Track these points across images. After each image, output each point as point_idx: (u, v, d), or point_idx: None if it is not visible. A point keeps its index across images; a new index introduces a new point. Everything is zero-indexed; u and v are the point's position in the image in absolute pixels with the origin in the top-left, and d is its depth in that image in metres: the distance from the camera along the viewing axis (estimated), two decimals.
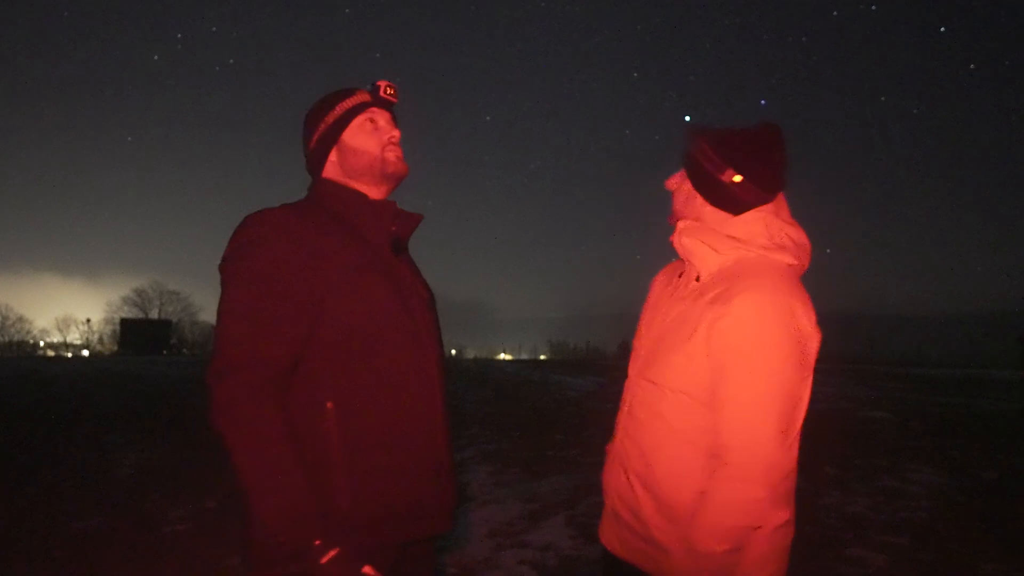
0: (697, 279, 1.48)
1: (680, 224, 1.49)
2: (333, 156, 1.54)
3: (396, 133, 1.56)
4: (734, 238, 1.43)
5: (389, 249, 1.50)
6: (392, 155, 1.53)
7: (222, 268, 1.36)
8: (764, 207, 1.44)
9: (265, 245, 1.33)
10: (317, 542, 1.23)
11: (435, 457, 1.45)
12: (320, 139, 1.54)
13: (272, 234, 1.34)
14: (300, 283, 1.32)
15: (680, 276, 1.55)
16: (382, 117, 1.56)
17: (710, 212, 1.47)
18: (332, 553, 1.23)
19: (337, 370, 1.35)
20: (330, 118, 1.54)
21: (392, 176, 1.54)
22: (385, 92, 1.57)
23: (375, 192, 1.54)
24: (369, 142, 1.52)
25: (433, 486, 1.44)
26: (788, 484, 1.35)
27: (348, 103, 1.55)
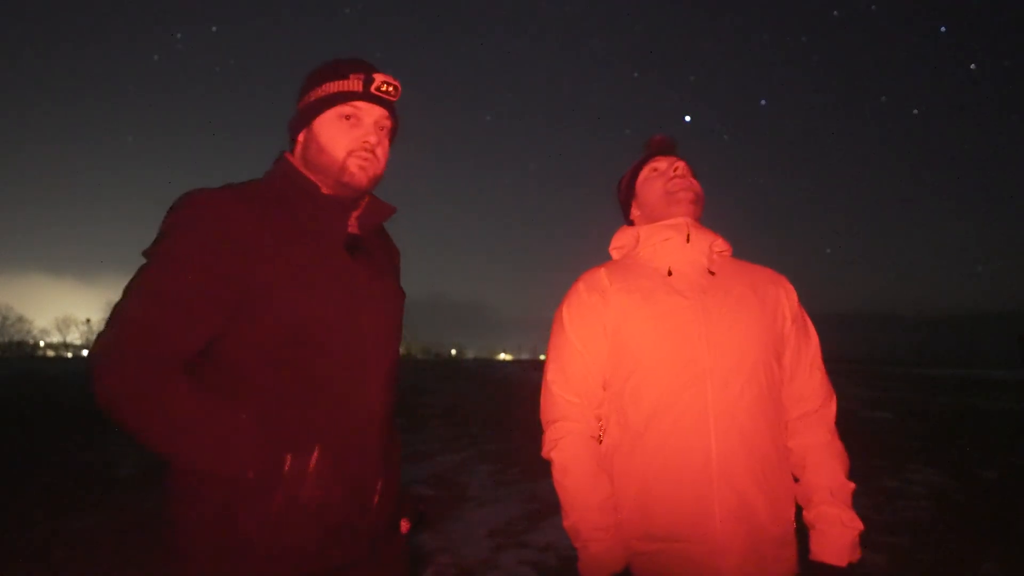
0: (712, 272, 1.53)
1: (688, 220, 1.55)
2: (301, 138, 1.37)
3: (372, 139, 1.33)
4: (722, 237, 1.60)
5: (342, 248, 1.33)
6: (354, 164, 1.31)
7: (148, 249, 1.23)
8: None
9: (192, 228, 1.20)
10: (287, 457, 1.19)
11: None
12: (300, 112, 1.37)
13: (202, 217, 1.21)
14: (220, 275, 1.19)
15: (670, 274, 1.51)
16: (369, 114, 1.34)
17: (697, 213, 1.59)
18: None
19: (262, 375, 1.23)
20: (313, 95, 1.35)
21: (348, 186, 1.33)
22: (378, 88, 1.34)
23: (331, 190, 1.35)
24: (336, 142, 1.32)
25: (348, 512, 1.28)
26: None
27: (334, 86, 1.34)
